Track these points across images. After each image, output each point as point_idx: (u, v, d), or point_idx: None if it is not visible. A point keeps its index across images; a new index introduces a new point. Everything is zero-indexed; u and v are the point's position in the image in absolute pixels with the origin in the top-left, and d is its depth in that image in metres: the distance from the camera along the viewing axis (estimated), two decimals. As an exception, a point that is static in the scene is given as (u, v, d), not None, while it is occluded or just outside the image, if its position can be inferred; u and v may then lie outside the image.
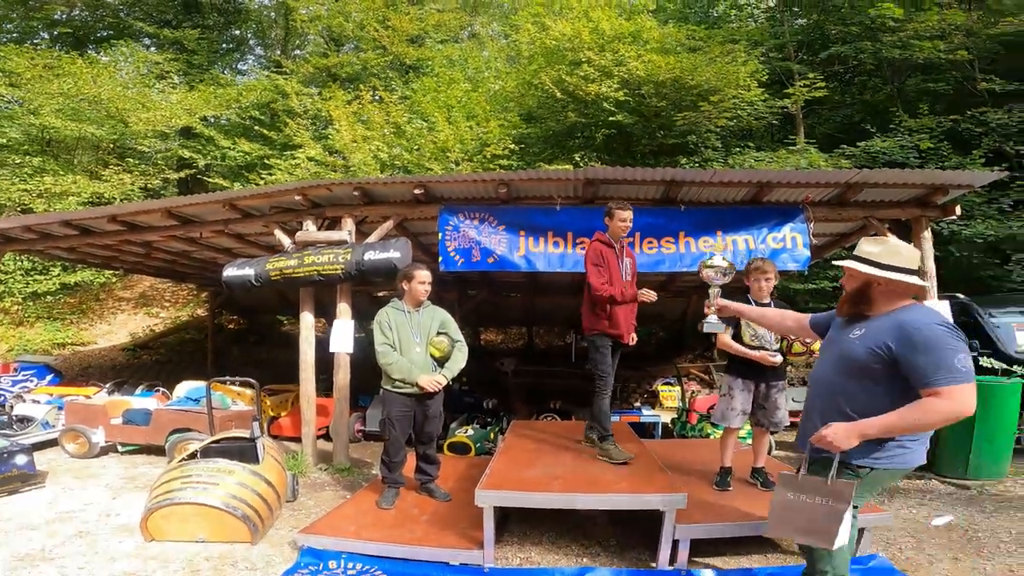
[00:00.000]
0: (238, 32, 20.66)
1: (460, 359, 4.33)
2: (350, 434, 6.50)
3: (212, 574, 3.39)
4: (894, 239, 2.37)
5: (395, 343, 4.14)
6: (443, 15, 17.71)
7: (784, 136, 12.19)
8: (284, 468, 4.52)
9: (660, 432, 7.54)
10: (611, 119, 10.95)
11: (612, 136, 11.72)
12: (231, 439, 4.33)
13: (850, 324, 2.40)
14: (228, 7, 19.43)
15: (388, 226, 6.01)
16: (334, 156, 12.47)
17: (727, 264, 3.25)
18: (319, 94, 14.81)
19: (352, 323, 5.94)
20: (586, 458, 4.23)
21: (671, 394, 8.63)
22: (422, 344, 4.21)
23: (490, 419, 7.40)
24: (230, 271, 6.01)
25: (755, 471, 4.26)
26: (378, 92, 14.64)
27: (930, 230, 5.92)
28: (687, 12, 15.60)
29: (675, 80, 10.66)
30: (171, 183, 15.75)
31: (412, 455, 4.51)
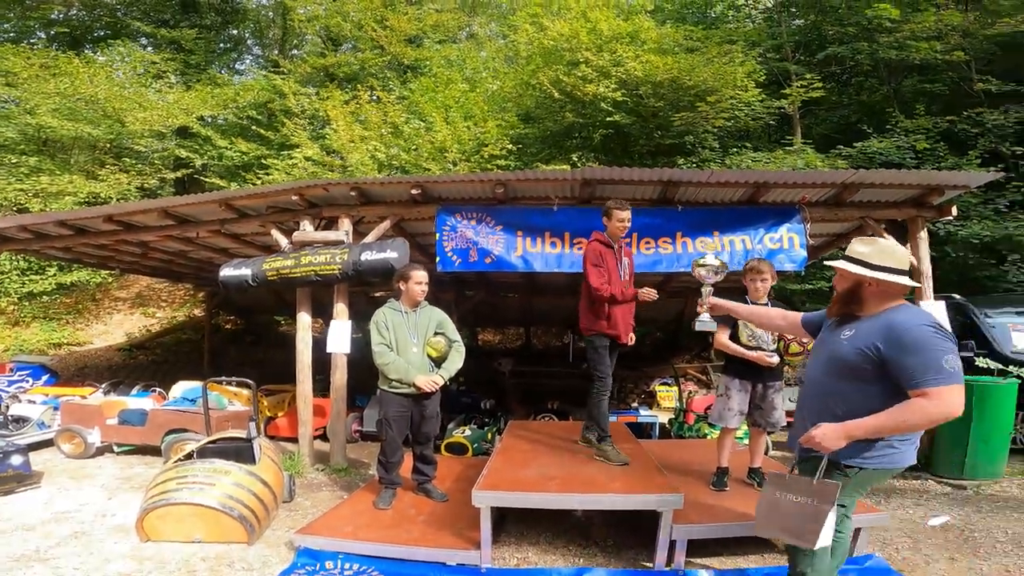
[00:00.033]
0: (236, 32, 20.63)
1: (457, 359, 4.33)
2: (347, 434, 6.49)
3: (208, 574, 3.39)
4: (884, 240, 2.37)
5: (392, 343, 4.14)
6: (441, 15, 17.68)
7: (781, 136, 12.20)
8: (281, 468, 4.52)
9: (657, 432, 7.56)
10: (609, 119, 10.95)
11: (610, 136, 11.72)
12: (228, 439, 4.33)
13: (841, 325, 2.40)
14: (226, 7, 19.38)
15: (385, 226, 6.00)
16: (331, 156, 12.44)
17: (719, 263, 3.27)
18: (316, 94, 14.79)
19: (349, 323, 5.94)
20: (583, 458, 4.23)
21: (668, 394, 8.64)
22: (419, 344, 4.21)
23: (487, 419, 7.39)
24: (227, 271, 6.00)
25: (752, 471, 4.26)
26: (376, 92, 14.63)
27: (926, 230, 5.93)
28: (685, 12, 15.61)
29: (673, 80, 10.67)
30: (168, 183, 15.70)
31: (409, 455, 4.51)
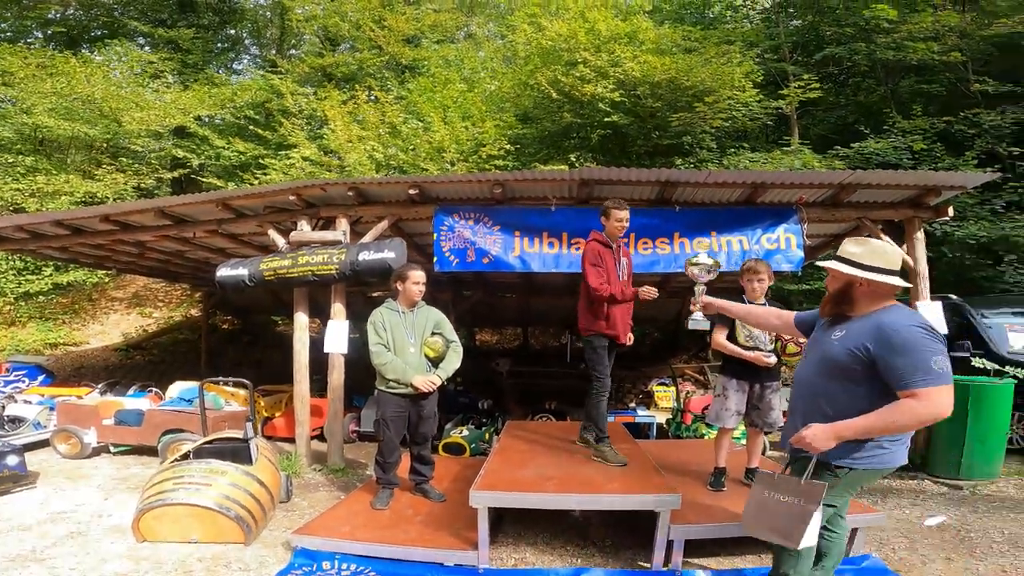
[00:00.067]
0: (233, 31, 20.59)
1: (455, 360, 4.33)
2: (344, 435, 6.48)
3: (205, 575, 3.38)
4: (876, 240, 2.37)
5: (389, 343, 4.14)
6: (439, 15, 17.67)
7: (779, 137, 12.23)
8: (278, 469, 4.51)
9: (655, 432, 7.56)
10: (607, 120, 10.96)
11: (608, 137, 11.73)
12: (224, 440, 4.33)
13: (833, 325, 2.40)
14: (223, 7, 19.35)
15: (383, 226, 6.00)
16: (329, 156, 12.42)
17: (712, 262, 3.30)
18: (314, 94, 14.77)
19: (347, 323, 5.93)
20: (581, 459, 4.23)
21: (666, 395, 8.64)
22: (416, 344, 4.20)
23: (485, 420, 7.39)
24: (223, 271, 5.99)
25: (749, 472, 4.26)
26: (374, 92, 14.61)
27: (923, 231, 5.95)
28: (683, 13, 15.65)
29: (671, 81, 10.68)
30: (165, 183, 15.67)
31: (407, 456, 4.50)
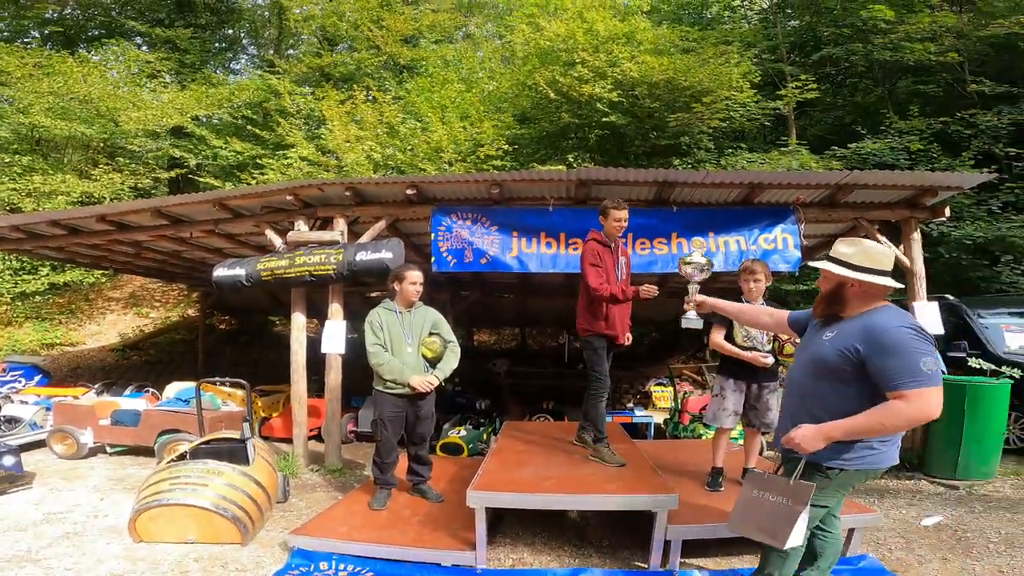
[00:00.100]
0: (231, 31, 20.58)
1: (452, 360, 4.32)
2: (342, 435, 6.47)
3: (202, 575, 3.38)
4: (868, 241, 2.36)
5: (386, 344, 4.13)
6: (438, 15, 17.66)
7: (776, 138, 12.23)
8: (275, 469, 4.51)
9: (653, 433, 7.56)
10: (604, 120, 10.96)
11: (605, 137, 11.74)
12: (221, 440, 4.32)
13: (824, 326, 2.40)
14: (221, 6, 19.33)
15: (380, 226, 5.99)
16: (327, 156, 12.40)
17: (705, 261, 3.31)
18: (312, 94, 14.76)
19: (344, 324, 5.92)
20: (578, 459, 4.23)
21: (664, 395, 8.65)
22: (414, 345, 4.20)
23: (483, 420, 7.39)
24: (220, 271, 5.98)
25: (746, 472, 4.26)
26: (372, 92, 14.59)
27: (920, 231, 5.96)
28: (681, 13, 15.67)
29: (668, 81, 10.69)
30: (162, 182, 15.65)
31: (404, 456, 4.50)
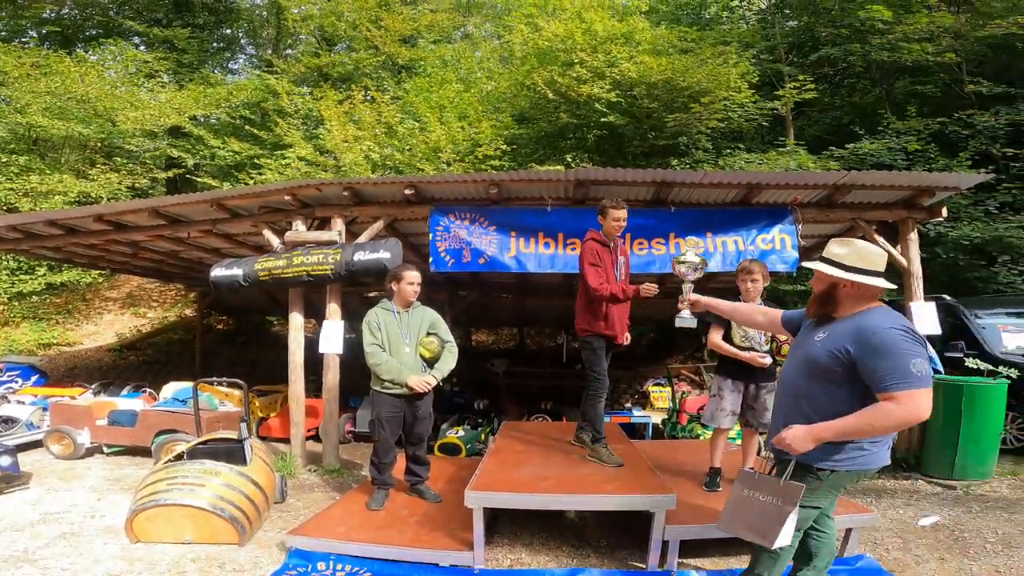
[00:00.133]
0: (229, 31, 20.55)
1: (450, 360, 4.32)
2: (340, 435, 6.46)
3: (199, 575, 3.37)
4: (861, 242, 2.36)
5: (384, 344, 4.12)
6: (436, 15, 17.64)
7: (774, 138, 12.24)
8: (272, 469, 4.50)
9: (650, 433, 7.56)
10: (603, 120, 10.95)
11: (604, 137, 11.74)
12: (218, 440, 4.31)
13: (817, 326, 2.41)
14: (219, 6, 19.30)
15: (378, 226, 5.98)
16: (325, 156, 12.38)
17: (699, 260, 3.32)
18: (310, 94, 14.74)
19: (342, 324, 5.92)
20: (576, 459, 4.23)
21: (662, 395, 8.64)
22: (411, 345, 4.20)
23: (481, 420, 7.40)
24: (218, 271, 5.97)
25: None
26: (370, 92, 14.57)
27: (917, 232, 5.97)
28: (679, 14, 15.67)
29: (667, 81, 10.69)
30: (159, 182, 15.61)
31: (402, 456, 4.49)
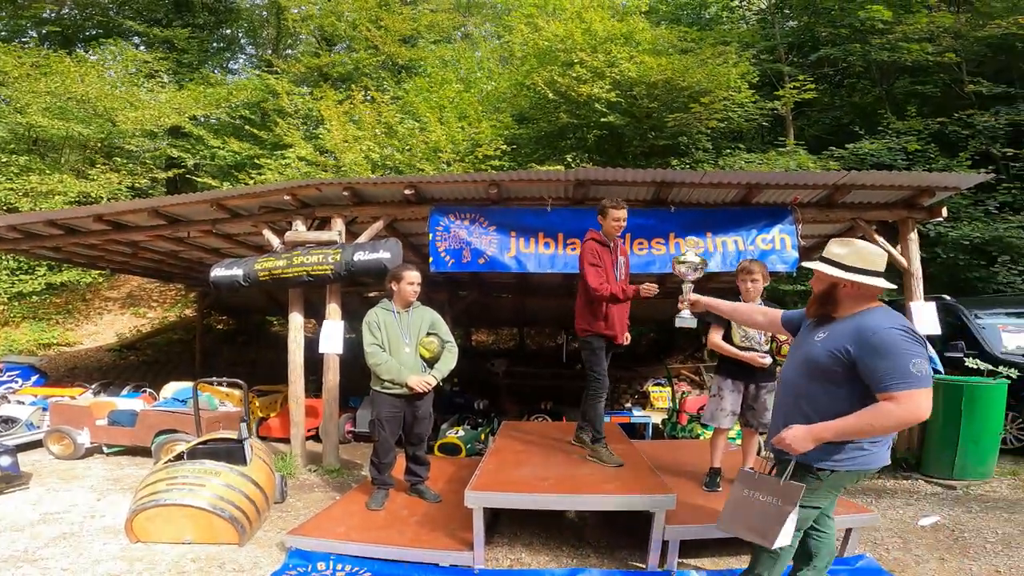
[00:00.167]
0: (229, 31, 20.57)
1: (450, 360, 4.32)
2: (340, 435, 6.46)
3: (199, 575, 3.37)
4: (860, 242, 2.36)
5: (384, 344, 4.12)
6: (436, 15, 17.64)
7: (774, 138, 12.25)
8: (272, 469, 4.50)
9: (651, 433, 7.56)
10: (603, 120, 10.95)
11: (604, 137, 11.74)
12: (218, 440, 4.31)
13: (817, 326, 2.41)
14: (219, 6, 19.31)
15: (378, 226, 5.98)
16: (325, 156, 12.39)
17: (699, 260, 3.32)
18: (310, 94, 14.74)
19: (342, 324, 5.92)
20: (576, 459, 4.23)
21: (662, 395, 8.64)
22: (411, 345, 4.20)
23: (481, 420, 7.39)
24: (218, 271, 5.96)
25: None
26: (370, 92, 14.58)
27: (917, 232, 5.97)
28: (679, 14, 15.66)
29: (667, 81, 10.68)
30: (159, 182, 15.62)
31: (402, 456, 4.49)
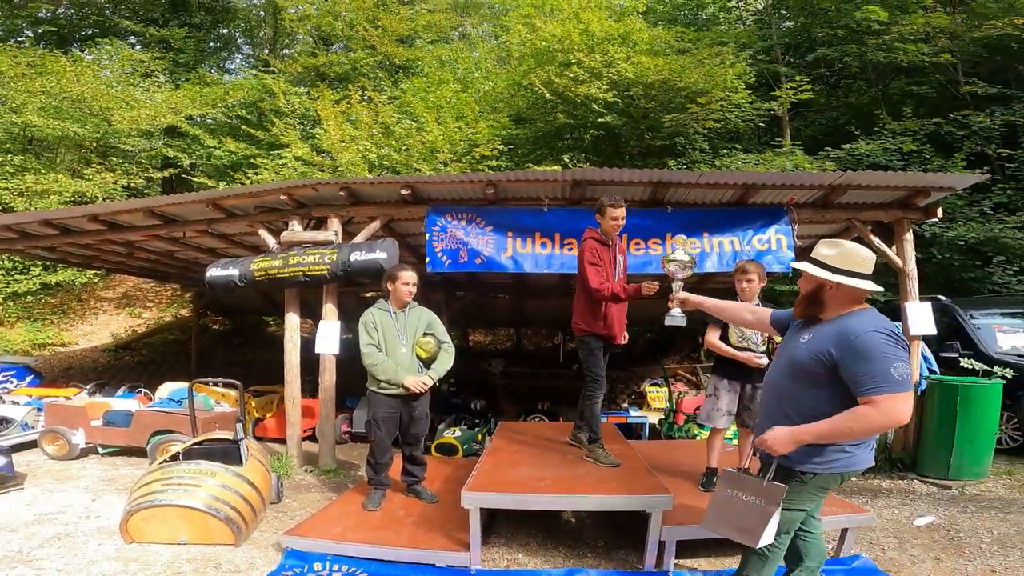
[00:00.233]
0: (226, 31, 20.50)
1: (447, 360, 4.32)
2: (336, 436, 6.46)
3: (193, 578, 3.36)
4: (849, 243, 2.35)
5: (380, 344, 4.12)
6: (434, 15, 17.65)
7: (770, 138, 12.28)
8: (268, 470, 4.48)
9: (647, 433, 7.56)
10: (600, 120, 10.96)
11: (601, 137, 11.74)
12: (214, 441, 4.29)
13: (804, 328, 2.40)
14: (216, 6, 19.26)
15: (375, 226, 5.97)
16: (321, 156, 12.38)
17: (688, 259, 3.33)
18: (307, 94, 14.70)
19: (338, 324, 5.90)
20: (573, 459, 4.22)
21: (659, 395, 8.65)
22: (408, 345, 4.19)
23: (478, 420, 7.38)
24: (214, 271, 5.95)
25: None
26: (367, 92, 14.55)
27: (912, 232, 5.98)
28: (676, 14, 15.68)
29: (664, 82, 10.70)
30: (155, 182, 15.57)
31: (398, 457, 4.49)
